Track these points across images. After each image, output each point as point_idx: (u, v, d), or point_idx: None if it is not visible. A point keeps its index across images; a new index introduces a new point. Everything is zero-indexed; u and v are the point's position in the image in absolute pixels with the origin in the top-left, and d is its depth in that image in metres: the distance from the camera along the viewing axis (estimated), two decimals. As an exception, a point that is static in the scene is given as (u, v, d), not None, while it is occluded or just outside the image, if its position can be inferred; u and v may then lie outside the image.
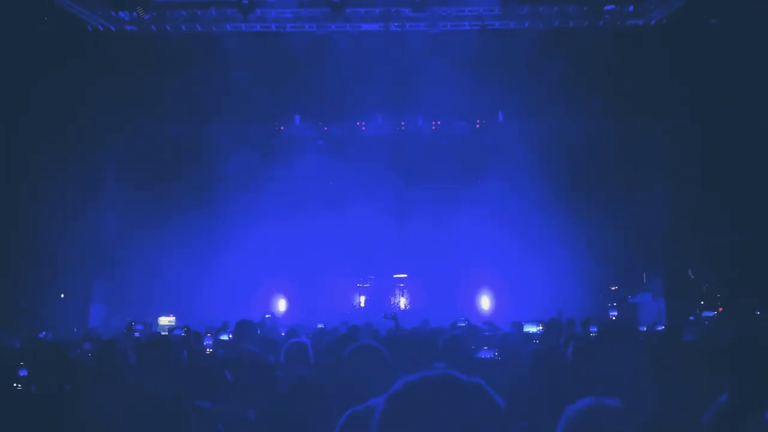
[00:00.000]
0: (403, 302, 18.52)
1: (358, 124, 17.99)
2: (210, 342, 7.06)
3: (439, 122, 18.08)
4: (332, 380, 3.50)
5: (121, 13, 15.60)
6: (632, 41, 15.56)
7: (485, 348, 4.28)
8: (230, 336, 6.82)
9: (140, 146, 17.20)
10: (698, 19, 14.02)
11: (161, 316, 14.53)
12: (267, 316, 11.46)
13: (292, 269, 17.47)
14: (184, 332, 8.06)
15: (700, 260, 15.52)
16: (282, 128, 18.26)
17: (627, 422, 1.82)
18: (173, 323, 14.15)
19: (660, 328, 9.24)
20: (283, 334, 9.31)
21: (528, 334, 7.60)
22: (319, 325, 10.88)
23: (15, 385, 3.63)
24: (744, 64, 13.18)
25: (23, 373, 3.83)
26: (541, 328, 7.89)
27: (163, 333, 9.90)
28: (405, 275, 18.63)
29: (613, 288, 17.66)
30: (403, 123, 17.99)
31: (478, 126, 18.26)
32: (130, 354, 4.96)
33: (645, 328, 10.08)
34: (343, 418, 2.23)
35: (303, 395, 3.08)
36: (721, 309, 14.90)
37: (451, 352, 4.84)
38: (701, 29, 13.96)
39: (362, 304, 18.43)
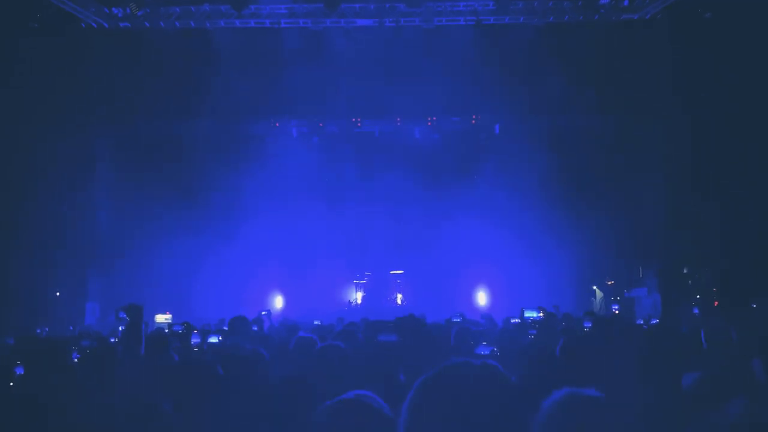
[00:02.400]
0: (399, 298, 18.54)
1: (353, 120, 17.97)
2: (198, 341, 6.95)
3: (434, 118, 18.07)
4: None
5: (114, 10, 15.54)
6: (627, 35, 15.56)
7: (484, 343, 4.28)
8: (220, 338, 6.73)
9: (135, 143, 17.16)
10: (693, 13, 14.02)
11: (157, 313, 14.49)
12: (263, 312, 11.44)
13: (288, 266, 17.47)
14: (184, 329, 8.01)
15: (696, 254, 15.56)
16: (277, 124, 18.23)
17: (605, 411, 1.83)
18: (169, 320, 14.12)
19: (654, 322, 9.28)
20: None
21: (526, 324, 7.61)
22: (316, 322, 10.87)
23: (11, 384, 3.62)
24: (739, 58, 13.20)
25: (20, 371, 3.81)
26: (542, 314, 7.91)
27: (164, 330, 9.84)
28: (401, 271, 18.64)
29: (609, 282, 17.72)
30: (398, 119, 17.97)
31: (473, 122, 18.25)
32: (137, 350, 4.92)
33: (641, 322, 10.11)
34: (319, 410, 2.24)
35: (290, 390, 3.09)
36: (716, 303, 14.96)
37: (463, 344, 4.94)
38: (696, 23, 13.97)
39: (359, 301, 18.44)
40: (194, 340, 7.01)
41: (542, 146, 16.69)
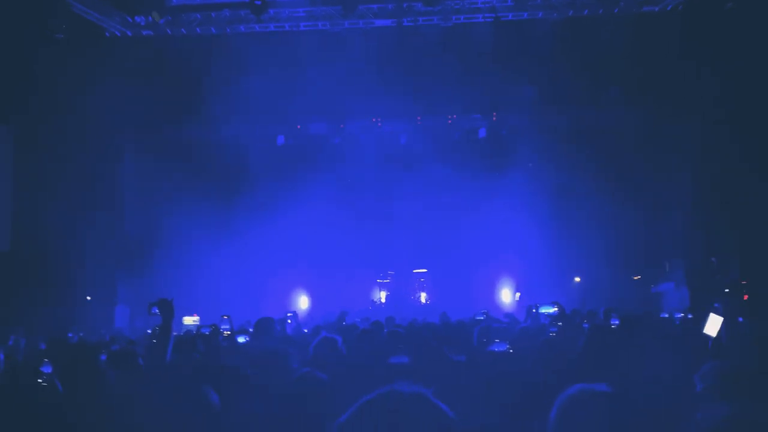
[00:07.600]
0: (423, 297, 18.56)
1: (373, 120, 18.02)
2: (227, 326, 7.12)
3: (454, 116, 18.04)
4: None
5: (137, 18, 15.78)
6: (648, 28, 15.36)
7: (497, 341, 4.29)
8: (247, 339, 6.88)
9: (161, 149, 17.42)
10: (714, 4, 13.79)
11: (185, 315, 14.68)
12: (289, 314, 11.54)
13: (313, 266, 17.60)
14: (212, 330, 8.16)
15: (723, 248, 15.32)
16: (298, 126, 18.35)
17: (616, 406, 1.86)
18: (197, 322, 14.30)
19: (679, 316, 9.17)
20: (305, 330, 9.42)
21: (546, 325, 7.59)
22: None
23: (39, 381, 3.68)
24: (761, 48, 12.96)
25: (47, 369, 3.89)
26: (556, 309, 7.86)
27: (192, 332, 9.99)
28: (425, 270, 18.66)
29: (635, 277, 17.54)
30: (419, 118, 17.99)
31: (494, 119, 18.18)
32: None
33: (666, 315, 10.02)
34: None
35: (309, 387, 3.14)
36: (746, 297, 14.70)
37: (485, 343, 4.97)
38: (717, 14, 13.73)
39: (383, 300, 18.50)
40: (223, 327, 7.17)
41: (565, 142, 16.58)
